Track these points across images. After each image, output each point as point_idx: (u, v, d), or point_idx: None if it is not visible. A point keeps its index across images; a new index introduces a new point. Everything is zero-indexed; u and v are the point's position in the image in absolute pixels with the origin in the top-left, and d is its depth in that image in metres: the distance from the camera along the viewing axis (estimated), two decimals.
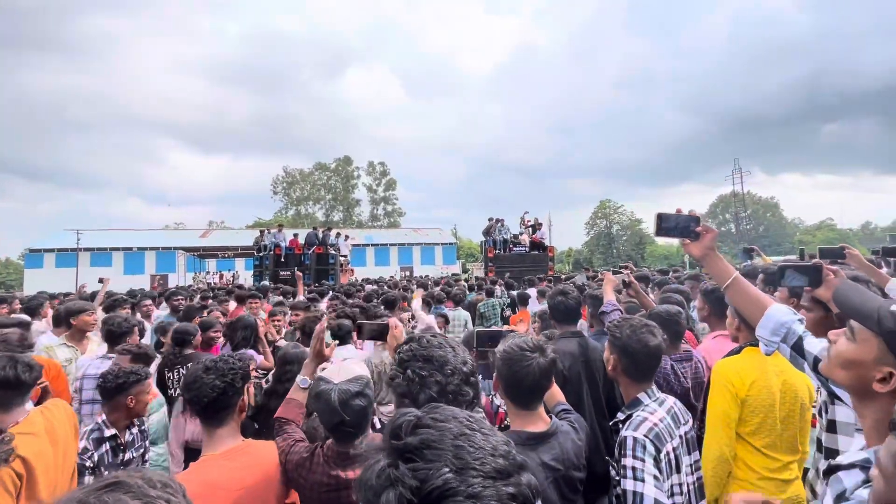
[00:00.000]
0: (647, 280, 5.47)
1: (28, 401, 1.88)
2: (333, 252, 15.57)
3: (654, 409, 1.64)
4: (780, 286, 2.02)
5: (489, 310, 6.99)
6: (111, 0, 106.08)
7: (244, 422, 1.70)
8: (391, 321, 1.88)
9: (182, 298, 5.89)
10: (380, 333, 1.90)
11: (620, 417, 1.69)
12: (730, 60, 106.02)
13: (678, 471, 1.60)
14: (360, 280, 13.97)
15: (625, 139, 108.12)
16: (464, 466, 0.56)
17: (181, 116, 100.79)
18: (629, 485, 1.48)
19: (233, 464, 1.48)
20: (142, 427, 2.43)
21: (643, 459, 1.50)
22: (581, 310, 2.87)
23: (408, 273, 29.00)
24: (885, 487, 0.70)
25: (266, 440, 1.65)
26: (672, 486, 1.56)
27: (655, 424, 1.58)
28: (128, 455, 2.26)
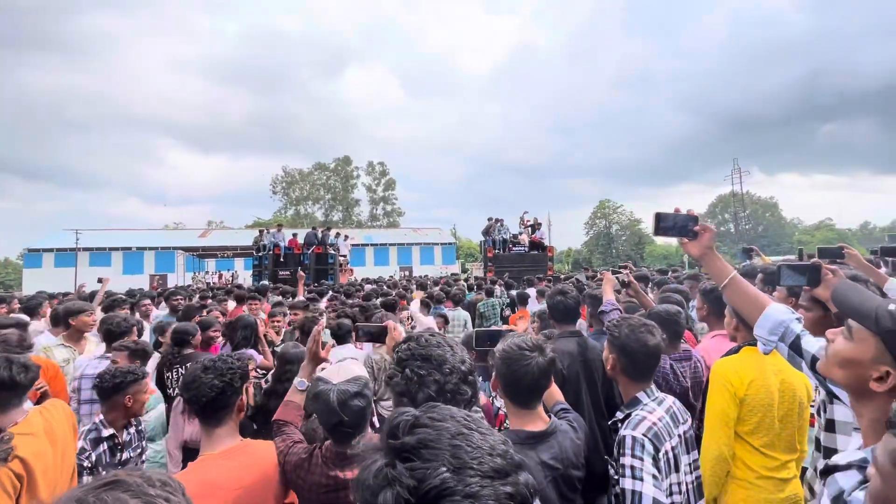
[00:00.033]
0: (647, 280, 5.47)
1: (26, 401, 1.87)
2: (333, 252, 15.55)
3: (653, 409, 1.64)
4: (779, 285, 2.02)
5: (489, 309, 7.00)
6: (110, 0, 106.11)
7: (243, 422, 1.70)
8: (389, 324, 1.88)
9: (181, 298, 5.89)
10: (378, 336, 1.89)
11: (619, 416, 1.69)
12: (729, 60, 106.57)
13: (677, 470, 1.60)
14: (360, 280, 13.96)
15: (624, 139, 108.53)
16: (461, 466, 0.56)
17: (180, 116, 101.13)
18: (628, 484, 1.48)
19: (231, 463, 1.48)
20: (139, 427, 2.43)
21: (642, 458, 1.50)
22: (580, 309, 2.87)
23: (407, 273, 29.03)
24: (882, 486, 0.70)
25: (265, 440, 1.65)
26: (671, 485, 1.56)
27: (654, 424, 1.58)
28: (126, 455, 2.25)
